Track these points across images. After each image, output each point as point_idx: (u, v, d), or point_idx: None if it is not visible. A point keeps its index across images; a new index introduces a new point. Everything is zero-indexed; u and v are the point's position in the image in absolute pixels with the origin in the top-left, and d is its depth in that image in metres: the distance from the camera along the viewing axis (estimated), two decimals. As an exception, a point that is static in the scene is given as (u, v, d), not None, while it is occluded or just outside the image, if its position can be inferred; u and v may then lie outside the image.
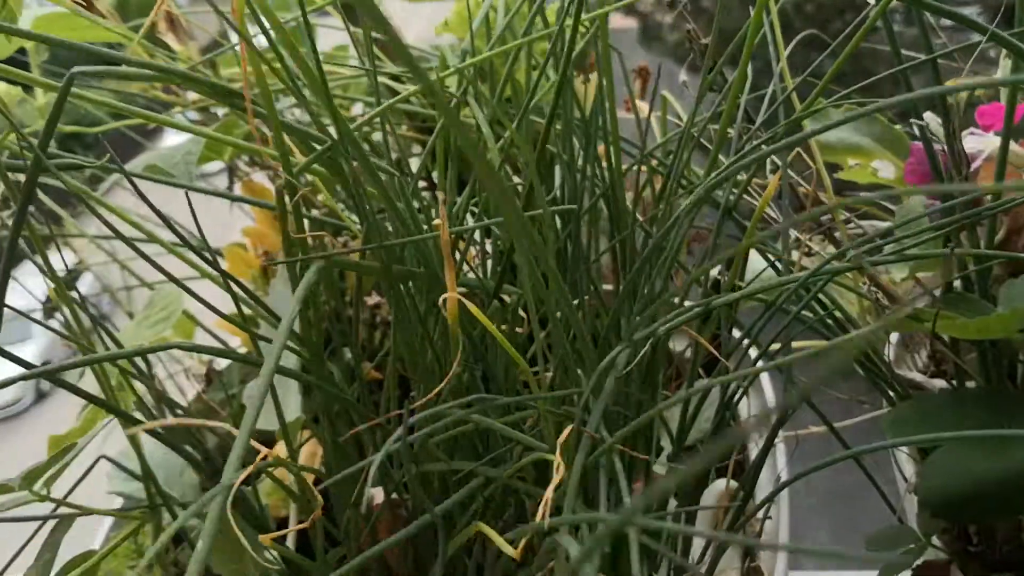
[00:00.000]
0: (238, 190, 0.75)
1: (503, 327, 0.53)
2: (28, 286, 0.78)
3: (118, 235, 0.50)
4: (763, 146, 0.58)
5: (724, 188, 0.53)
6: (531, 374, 0.42)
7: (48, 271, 0.46)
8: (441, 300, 0.40)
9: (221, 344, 0.76)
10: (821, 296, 0.57)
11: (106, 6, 0.61)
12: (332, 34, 0.81)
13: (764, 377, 0.69)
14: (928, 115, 0.74)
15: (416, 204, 0.54)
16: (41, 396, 6.52)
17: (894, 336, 0.70)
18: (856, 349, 0.56)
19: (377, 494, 0.56)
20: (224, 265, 0.74)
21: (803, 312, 0.52)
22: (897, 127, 0.71)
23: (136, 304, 0.79)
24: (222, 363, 0.82)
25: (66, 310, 0.46)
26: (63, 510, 0.46)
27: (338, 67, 0.75)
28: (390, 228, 0.51)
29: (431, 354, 0.50)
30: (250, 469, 0.35)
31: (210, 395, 0.76)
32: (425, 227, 0.52)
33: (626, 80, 0.73)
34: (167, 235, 0.73)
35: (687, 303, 0.59)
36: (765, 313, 0.47)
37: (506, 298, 0.52)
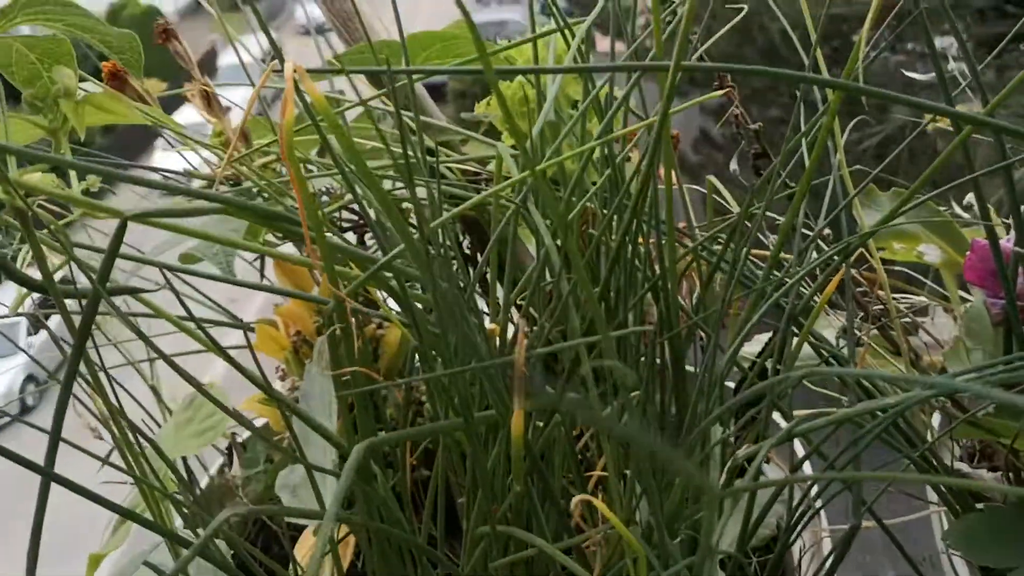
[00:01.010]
0: (269, 263, 0.73)
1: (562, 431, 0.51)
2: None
3: (143, 337, 0.48)
4: (821, 241, 0.57)
5: (788, 291, 0.51)
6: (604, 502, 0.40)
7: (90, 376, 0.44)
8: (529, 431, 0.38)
9: (244, 423, 0.74)
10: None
11: (141, 85, 0.59)
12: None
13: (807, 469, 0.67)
14: (973, 197, 0.72)
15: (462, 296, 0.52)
16: (26, 410, 6.47)
17: (936, 419, 0.69)
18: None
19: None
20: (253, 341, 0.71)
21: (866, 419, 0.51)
22: (942, 209, 0.70)
23: (159, 374, 0.77)
24: (246, 433, 0.80)
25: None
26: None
27: (365, 140, 0.73)
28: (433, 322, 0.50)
29: (485, 463, 0.49)
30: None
31: (234, 472, 0.74)
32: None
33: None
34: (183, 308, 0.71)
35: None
36: (847, 435, 0.45)
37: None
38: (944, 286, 0.74)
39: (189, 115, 0.94)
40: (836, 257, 0.56)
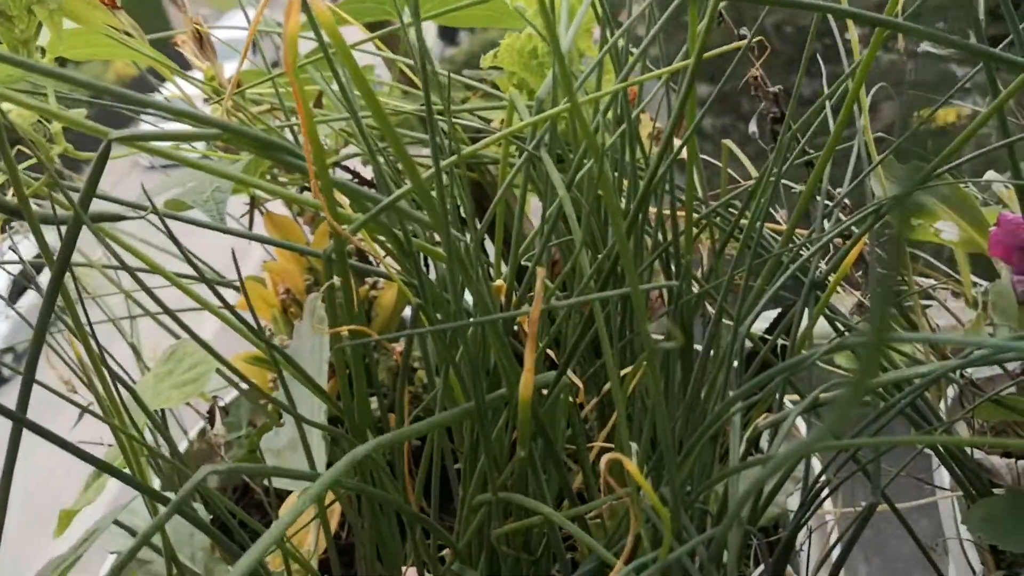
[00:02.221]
0: (258, 219, 0.70)
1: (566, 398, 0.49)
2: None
3: (129, 271, 0.45)
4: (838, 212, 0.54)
5: (811, 258, 0.48)
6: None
7: (77, 329, 0.41)
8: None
9: (231, 382, 0.71)
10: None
11: (129, 22, 0.56)
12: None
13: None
14: (992, 174, 0.70)
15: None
16: (2, 381, 6.39)
17: (950, 393, 0.66)
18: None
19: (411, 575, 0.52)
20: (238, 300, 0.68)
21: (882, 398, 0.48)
22: (962, 187, 0.67)
23: (140, 335, 0.74)
24: (227, 398, 0.77)
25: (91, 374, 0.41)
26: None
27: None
28: (442, 289, 0.47)
29: (490, 430, 0.46)
30: None
31: (217, 430, 0.71)
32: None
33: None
34: (172, 263, 0.68)
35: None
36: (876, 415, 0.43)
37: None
38: (954, 268, 0.72)
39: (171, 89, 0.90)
40: (856, 228, 0.53)
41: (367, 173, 0.79)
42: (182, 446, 0.74)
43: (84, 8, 0.44)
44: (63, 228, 0.36)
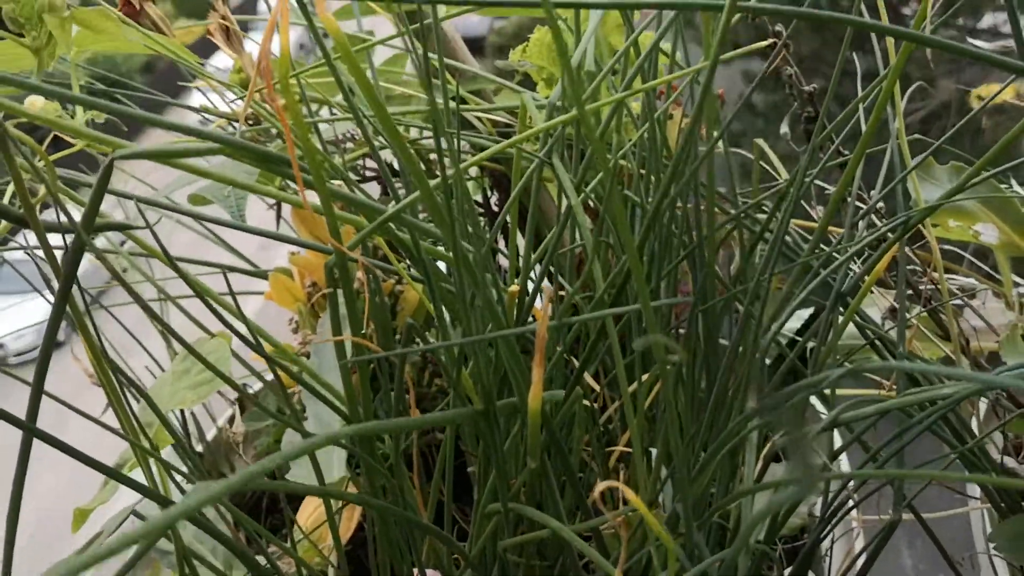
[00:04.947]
0: (286, 211, 0.70)
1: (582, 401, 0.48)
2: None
3: (148, 278, 0.45)
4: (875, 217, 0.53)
5: (839, 268, 0.47)
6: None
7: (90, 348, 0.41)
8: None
9: (253, 374, 0.71)
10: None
11: (157, 13, 0.56)
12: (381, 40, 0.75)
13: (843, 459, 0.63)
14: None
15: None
16: (57, 345, 6.53)
17: (982, 408, 0.65)
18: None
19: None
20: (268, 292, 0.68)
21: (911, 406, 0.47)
22: (1003, 187, 0.65)
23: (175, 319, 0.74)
24: (257, 385, 0.77)
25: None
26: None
27: (392, 85, 0.69)
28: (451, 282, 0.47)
29: (497, 440, 0.45)
30: None
31: (244, 422, 0.71)
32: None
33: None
34: (206, 247, 0.68)
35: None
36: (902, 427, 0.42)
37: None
38: (996, 268, 0.70)
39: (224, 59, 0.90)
40: (889, 233, 0.52)
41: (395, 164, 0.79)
42: (211, 434, 0.74)
43: (96, 19, 0.43)
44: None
